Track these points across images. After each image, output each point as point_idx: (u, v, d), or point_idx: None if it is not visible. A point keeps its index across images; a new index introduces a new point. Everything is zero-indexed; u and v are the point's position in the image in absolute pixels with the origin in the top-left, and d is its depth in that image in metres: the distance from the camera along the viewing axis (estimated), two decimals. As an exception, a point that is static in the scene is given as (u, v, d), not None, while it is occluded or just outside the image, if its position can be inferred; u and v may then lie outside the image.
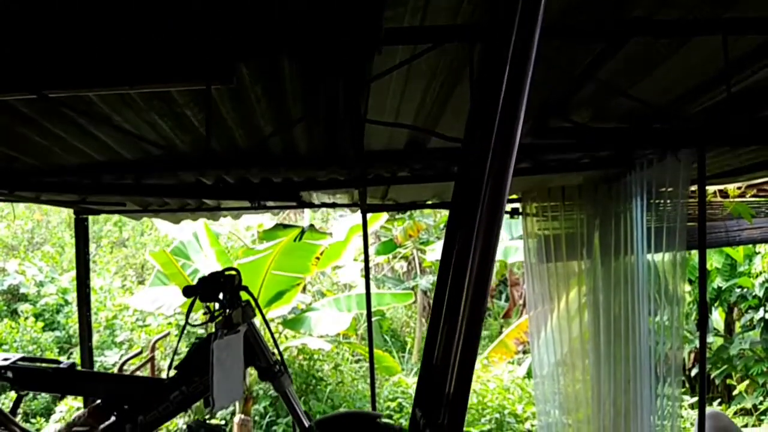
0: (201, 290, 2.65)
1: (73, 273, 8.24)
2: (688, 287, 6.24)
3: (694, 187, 3.12)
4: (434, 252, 8.00)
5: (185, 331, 2.90)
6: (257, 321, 2.83)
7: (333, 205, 3.95)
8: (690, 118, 2.28)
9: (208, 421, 3.09)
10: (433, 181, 3.03)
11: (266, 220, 7.22)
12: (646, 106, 2.17)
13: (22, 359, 2.91)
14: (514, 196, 4.17)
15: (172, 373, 2.88)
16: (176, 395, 2.83)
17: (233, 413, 5.44)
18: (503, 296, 10.79)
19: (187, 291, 2.66)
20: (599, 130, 2.28)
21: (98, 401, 2.92)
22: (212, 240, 6.13)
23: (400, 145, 2.74)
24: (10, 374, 2.81)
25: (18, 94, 1.61)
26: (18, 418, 2.89)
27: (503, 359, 6.83)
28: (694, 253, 3.32)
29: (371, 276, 4.26)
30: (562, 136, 2.34)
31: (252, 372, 5.87)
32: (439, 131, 2.30)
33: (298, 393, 5.86)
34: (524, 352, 7.07)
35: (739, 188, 4.02)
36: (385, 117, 2.23)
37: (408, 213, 10.45)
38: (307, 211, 7.61)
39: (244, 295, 2.81)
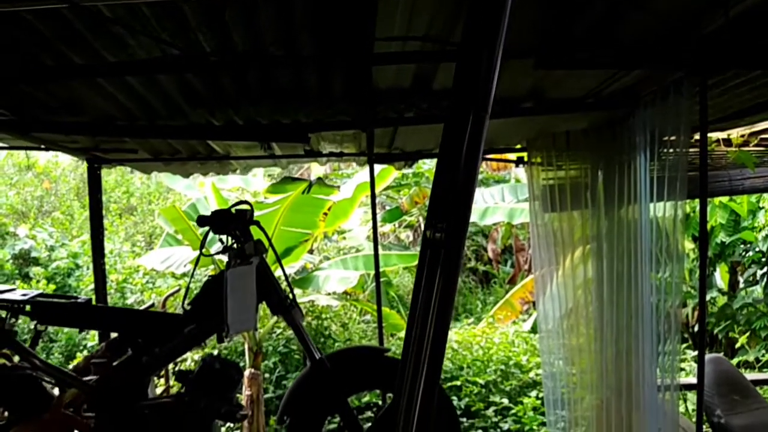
0: (214, 221, 2.72)
1: (84, 238, 8.36)
2: (691, 245, 6.31)
3: (697, 136, 3.16)
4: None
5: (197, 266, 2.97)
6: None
7: (341, 155, 4.00)
8: (690, 47, 2.32)
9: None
10: (438, 122, 3.08)
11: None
12: (645, 35, 2.22)
13: (40, 296, 3.00)
14: (519, 146, 4.22)
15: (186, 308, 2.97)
16: (190, 329, 2.91)
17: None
18: (509, 263, 10.87)
19: (201, 220, 2.74)
20: (601, 54, 2.32)
21: (115, 336, 3.02)
22: (220, 202, 6.20)
23: (407, 82, 2.78)
24: (28, 308, 2.91)
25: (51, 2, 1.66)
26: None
27: (509, 318, 6.93)
28: (699, 209, 3.36)
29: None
30: (566, 66, 2.39)
31: (260, 327, 5.98)
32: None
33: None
34: (528, 313, 7.16)
35: (742, 136, 4.05)
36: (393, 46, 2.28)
37: (414, 179, 10.53)
38: (315, 167, 7.67)
39: (256, 234, 2.90)
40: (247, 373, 5.47)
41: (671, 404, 3.40)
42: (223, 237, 2.80)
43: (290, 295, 2.96)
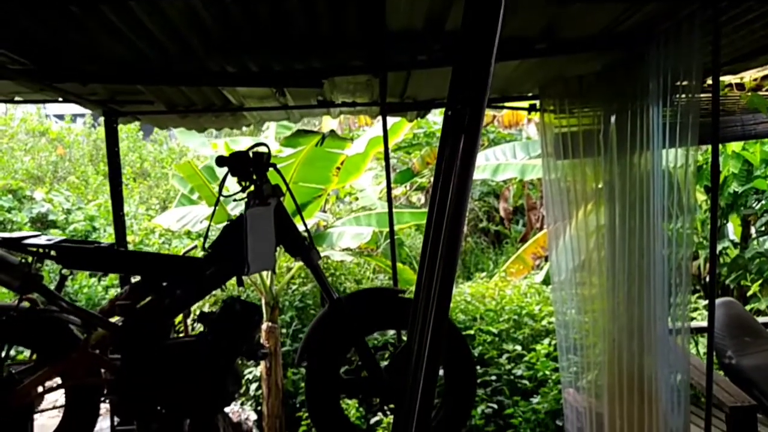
0: (232, 162, 2.78)
1: (100, 201, 8.48)
2: (703, 196, 6.31)
3: (710, 81, 3.15)
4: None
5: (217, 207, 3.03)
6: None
7: (353, 105, 4.03)
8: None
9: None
10: (450, 65, 3.10)
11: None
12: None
13: (64, 241, 3.07)
14: (530, 93, 4.24)
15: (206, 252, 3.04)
16: (211, 272, 2.99)
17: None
18: (520, 223, 10.90)
19: (220, 160, 2.79)
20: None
21: (138, 279, 3.10)
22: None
23: (420, 24, 2.80)
24: (53, 253, 2.99)
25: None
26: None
27: (521, 273, 6.99)
28: (711, 154, 3.36)
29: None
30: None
31: (276, 283, 6.08)
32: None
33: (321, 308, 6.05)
34: (540, 267, 7.22)
35: (755, 80, 4.03)
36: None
37: (425, 139, 10.52)
38: (327, 119, 7.68)
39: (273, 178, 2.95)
40: (264, 326, 5.58)
41: (682, 346, 3.46)
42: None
43: (307, 237, 3.02)
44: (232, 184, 2.96)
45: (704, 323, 3.54)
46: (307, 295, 6.35)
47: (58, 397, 3.27)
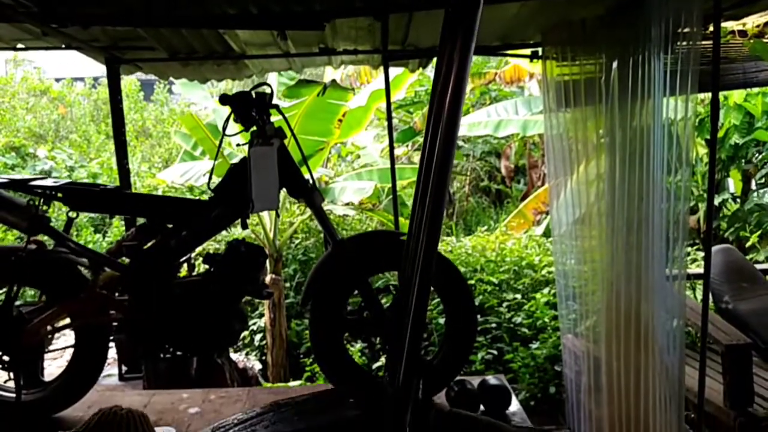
0: (235, 101, 2.80)
1: (102, 159, 8.49)
2: (704, 149, 6.32)
3: (711, 27, 3.15)
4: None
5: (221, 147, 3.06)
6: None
7: (355, 52, 4.03)
8: None
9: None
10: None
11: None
12: None
13: (70, 184, 3.11)
14: (532, 41, 4.22)
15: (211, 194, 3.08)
16: (216, 213, 3.03)
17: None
18: (522, 182, 10.93)
19: (223, 99, 2.81)
20: None
21: (144, 221, 3.14)
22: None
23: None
24: (60, 195, 3.02)
25: None
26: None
27: (521, 227, 7.04)
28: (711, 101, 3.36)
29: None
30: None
31: (279, 238, 6.14)
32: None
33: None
34: (540, 222, 7.27)
35: (757, 27, 4.01)
36: None
37: (427, 98, 10.48)
38: (329, 71, 7.65)
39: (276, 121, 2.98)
40: (268, 278, 5.65)
41: (679, 290, 3.52)
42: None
43: (310, 179, 3.06)
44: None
45: (702, 270, 3.59)
46: (309, 249, 6.42)
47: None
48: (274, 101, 2.96)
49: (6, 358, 3.05)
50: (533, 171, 9.93)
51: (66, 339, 4.88)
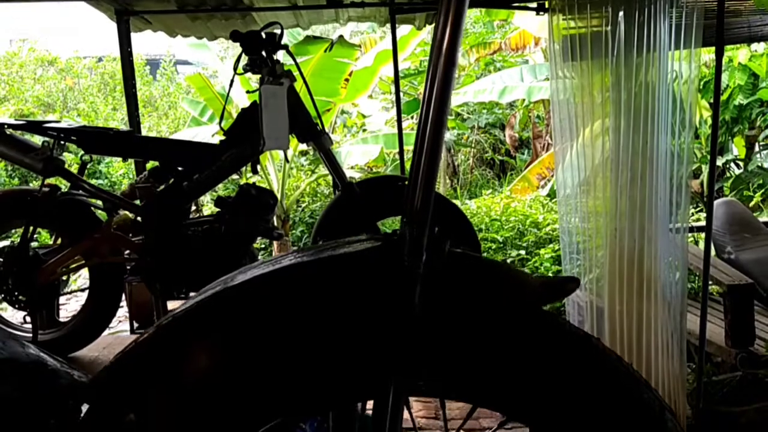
0: (246, 39, 2.84)
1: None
2: (708, 112, 6.32)
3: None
4: (461, 96, 8.09)
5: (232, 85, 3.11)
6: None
7: (362, 5, 4.05)
8: None
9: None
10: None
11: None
12: None
13: (84, 127, 3.17)
14: (539, -5, 4.25)
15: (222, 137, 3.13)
16: (227, 156, 3.08)
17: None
18: (526, 153, 10.95)
19: (234, 35, 2.86)
20: None
21: (156, 164, 3.20)
22: (243, 83, 6.30)
23: None
24: (74, 137, 3.08)
25: None
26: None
27: (525, 192, 7.09)
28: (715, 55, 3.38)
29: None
30: None
31: (288, 198, 6.20)
32: None
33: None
34: (543, 186, 7.31)
35: (764, -20, 4.01)
36: None
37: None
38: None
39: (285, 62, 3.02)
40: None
41: (681, 239, 3.58)
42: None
43: (319, 123, 3.11)
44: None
45: (704, 223, 3.64)
46: (316, 212, 6.47)
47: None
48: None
49: (22, 297, 3.13)
50: (537, 141, 9.95)
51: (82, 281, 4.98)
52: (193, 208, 3.59)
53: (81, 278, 5.16)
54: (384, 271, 0.88)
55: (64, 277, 3.27)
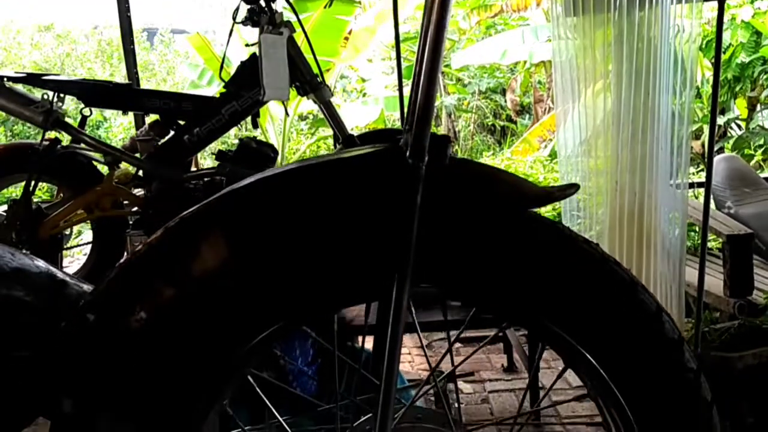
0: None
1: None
2: (709, 71, 6.28)
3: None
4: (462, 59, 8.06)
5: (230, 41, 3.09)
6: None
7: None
8: None
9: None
10: None
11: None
12: None
13: (83, 80, 3.16)
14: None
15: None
16: (228, 108, 3.08)
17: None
18: (527, 116, 10.92)
19: None
20: None
21: (157, 118, 3.20)
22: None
23: None
24: (73, 90, 3.08)
25: None
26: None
27: (526, 153, 7.09)
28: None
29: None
30: None
31: (290, 155, 6.19)
32: None
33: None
34: (545, 146, 7.30)
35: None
36: None
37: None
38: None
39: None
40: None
41: (682, 193, 3.59)
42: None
43: (319, 75, 3.10)
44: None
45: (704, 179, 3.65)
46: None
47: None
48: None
49: (26, 251, 3.15)
50: (538, 105, 9.92)
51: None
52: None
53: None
54: (387, 170, 0.89)
55: (67, 231, 3.30)
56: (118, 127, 7.81)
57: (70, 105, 8.16)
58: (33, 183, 3.09)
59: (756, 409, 2.56)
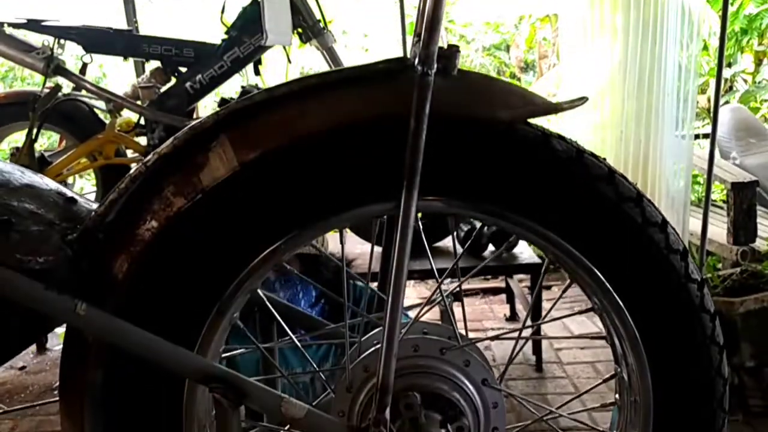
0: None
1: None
2: (717, 24, 6.18)
3: None
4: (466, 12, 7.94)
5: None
6: None
7: None
8: None
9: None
10: None
11: None
12: None
13: (83, 26, 3.12)
14: None
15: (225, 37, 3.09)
16: (229, 54, 3.05)
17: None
18: (532, 73, 10.81)
19: None
20: None
21: (159, 64, 3.17)
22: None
23: None
24: (74, 35, 3.05)
25: None
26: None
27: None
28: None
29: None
30: None
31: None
32: None
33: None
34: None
35: None
36: None
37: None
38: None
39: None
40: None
41: (687, 143, 3.58)
42: None
43: (322, 20, 3.07)
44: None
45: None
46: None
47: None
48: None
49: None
50: (543, 61, 9.82)
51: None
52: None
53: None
54: (396, 79, 0.88)
55: (70, 180, 3.30)
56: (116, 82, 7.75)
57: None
58: (36, 131, 3.08)
59: (756, 353, 2.59)
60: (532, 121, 0.95)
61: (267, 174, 0.89)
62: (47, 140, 5.91)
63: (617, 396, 1.08)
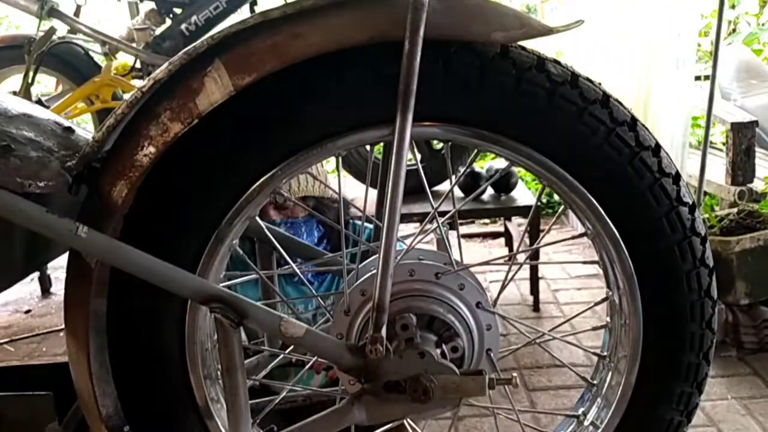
0: None
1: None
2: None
3: None
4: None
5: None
6: None
7: None
8: None
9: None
10: None
11: None
12: None
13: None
14: None
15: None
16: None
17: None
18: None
19: None
20: None
21: (153, 6, 3.12)
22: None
23: None
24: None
25: None
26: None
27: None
28: None
29: None
30: None
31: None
32: None
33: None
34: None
35: None
36: None
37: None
38: None
39: None
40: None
41: (687, 85, 3.55)
42: None
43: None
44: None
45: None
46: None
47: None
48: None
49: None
50: (545, 4, 9.64)
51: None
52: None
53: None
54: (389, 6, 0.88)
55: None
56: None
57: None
58: (32, 74, 3.05)
59: (751, 291, 2.62)
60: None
61: (262, 98, 0.90)
62: (43, 87, 5.85)
63: (608, 319, 1.11)
